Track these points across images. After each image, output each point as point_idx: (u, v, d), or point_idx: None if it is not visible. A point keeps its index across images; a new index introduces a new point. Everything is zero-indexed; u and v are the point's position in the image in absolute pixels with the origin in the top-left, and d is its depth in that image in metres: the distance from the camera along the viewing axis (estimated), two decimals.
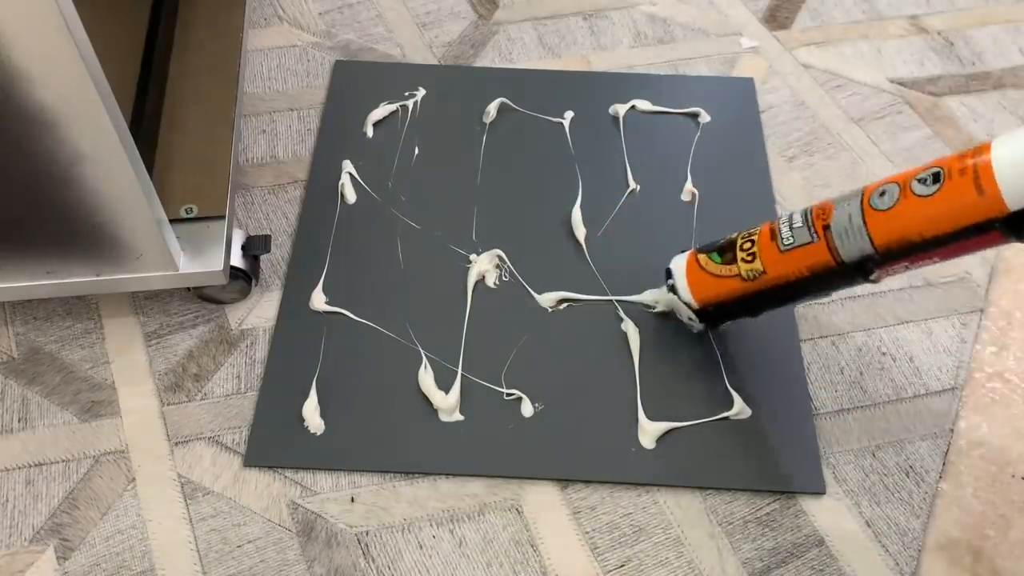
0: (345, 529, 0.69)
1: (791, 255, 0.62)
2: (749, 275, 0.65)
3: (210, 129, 0.81)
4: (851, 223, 0.59)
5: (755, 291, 0.65)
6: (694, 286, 0.70)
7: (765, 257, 0.64)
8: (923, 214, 0.55)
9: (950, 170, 0.55)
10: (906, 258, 0.58)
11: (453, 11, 1.06)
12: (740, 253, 0.66)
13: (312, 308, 0.79)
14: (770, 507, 0.71)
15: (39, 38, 0.53)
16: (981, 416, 0.76)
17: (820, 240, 0.60)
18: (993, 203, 0.52)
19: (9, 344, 0.78)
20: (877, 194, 0.58)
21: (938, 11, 1.09)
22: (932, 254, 0.57)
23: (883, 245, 0.58)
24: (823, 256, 0.61)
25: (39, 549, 0.68)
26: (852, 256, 0.59)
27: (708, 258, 0.69)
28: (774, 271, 0.64)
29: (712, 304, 0.70)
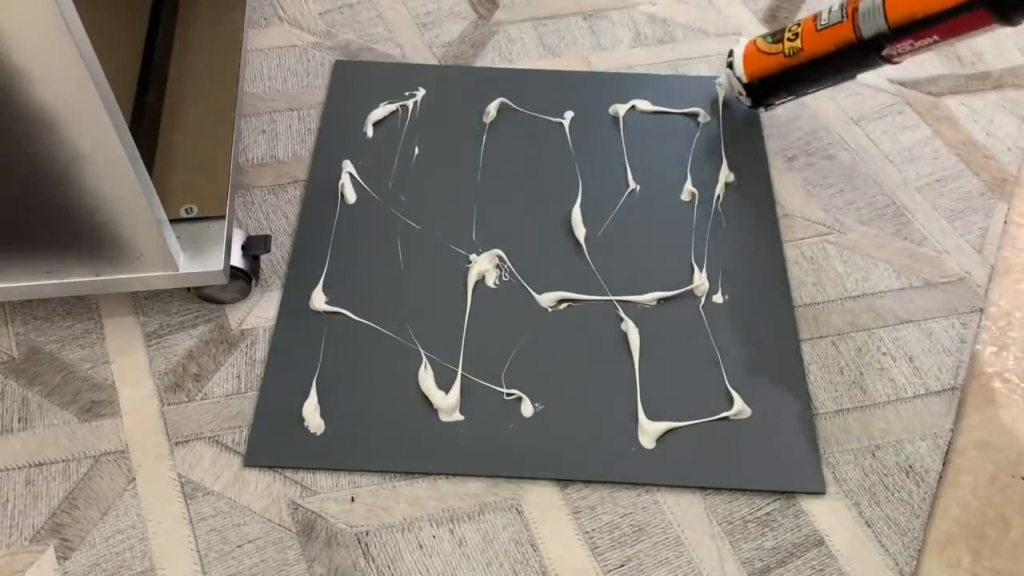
0: (345, 529, 0.69)
1: (825, 33, 0.75)
2: (790, 51, 0.76)
3: (210, 129, 0.82)
4: (873, 4, 0.71)
5: (793, 66, 0.77)
6: (747, 62, 0.84)
7: (805, 36, 0.77)
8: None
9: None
10: (911, 35, 0.69)
11: (453, 11, 1.06)
12: (787, 34, 0.79)
13: (312, 308, 0.79)
14: (770, 507, 0.71)
15: (39, 38, 0.53)
16: (981, 416, 0.76)
17: (848, 20, 0.73)
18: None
19: (9, 344, 0.78)
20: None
21: None
22: (932, 31, 0.67)
23: (895, 22, 0.69)
24: (848, 33, 0.73)
25: (39, 549, 0.68)
26: (869, 32, 0.71)
27: (763, 39, 0.82)
28: (809, 47, 0.76)
29: (758, 78, 0.83)
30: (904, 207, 0.90)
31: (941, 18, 0.67)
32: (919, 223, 0.89)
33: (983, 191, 0.92)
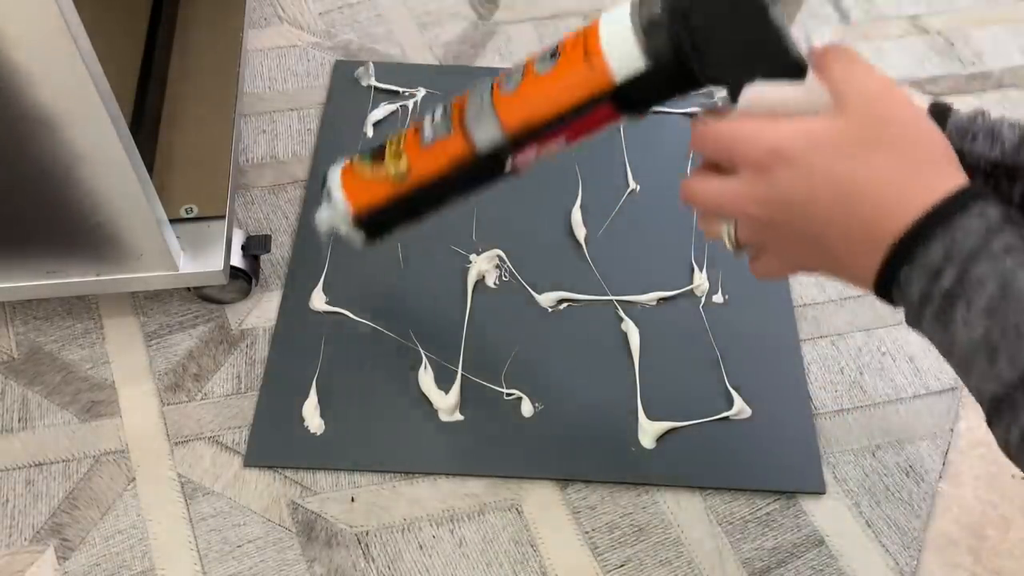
0: (345, 529, 0.69)
1: (433, 150, 0.57)
2: (398, 176, 0.59)
3: (210, 129, 0.81)
4: (483, 110, 0.55)
5: (406, 193, 0.60)
6: (350, 192, 0.63)
7: (410, 155, 0.59)
8: (542, 92, 0.52)
9: (565, 46, 0.52)
10: (534, 141, 0.55)
11: (453, 11, 1.06)
12: (388, 154, 0.60)
13: (312, 308, 0.79)
14: (770, 507, 0.71)
15: (39, 38, 0.53)
16: (981, 416, 0.76)
17: (456, 131, 0.56)
18: (601, 76, 0.50)
19: (9, 344, 0.78)
20: (506, 78, 0.55)
21: (938, 11, 1.09)
22: (556, 134, 0.54)
23: (511, 129, 0.54)
24: (460, 147, 0.56)
25: (39, 549, 0.68)
26: (485, 144, 0.55)
27: (361, 162, 0.63)
28: (419, 168, 0.59)
29: (367, 211, 0.63)
30: None
31: (566, 119, 0.52)
32: None
33: None
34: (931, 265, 0.38)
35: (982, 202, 0.38)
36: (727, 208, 0.45)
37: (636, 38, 0.48)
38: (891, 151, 0.40)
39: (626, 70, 0.49)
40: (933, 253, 0.38)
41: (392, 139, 0.61)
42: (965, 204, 0.38)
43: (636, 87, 0.50)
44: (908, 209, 0.39)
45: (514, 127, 0.54)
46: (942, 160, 0.41)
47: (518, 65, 0.55)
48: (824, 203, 0.41)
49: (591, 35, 0.51)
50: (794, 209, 0.42)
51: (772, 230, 0.44)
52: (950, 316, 0.38)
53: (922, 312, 0.40)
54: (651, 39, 0.48)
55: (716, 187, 0.45)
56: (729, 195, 0.45)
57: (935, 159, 0.41)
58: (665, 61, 0.48)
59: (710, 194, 0.46)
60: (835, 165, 0.40)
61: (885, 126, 0.41)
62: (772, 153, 0.42)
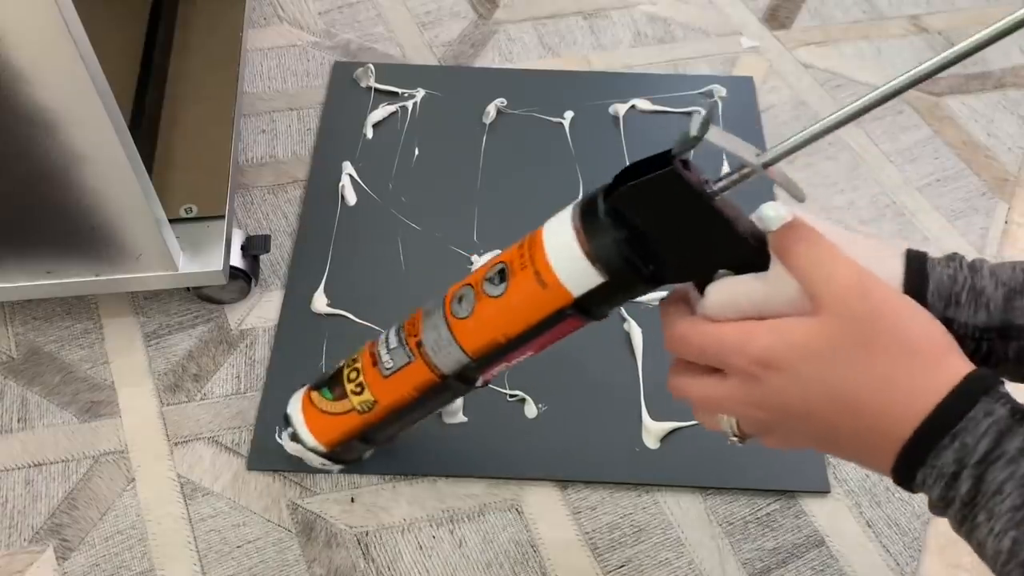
0: (345, 529, 0.69)
1: (396, 379, 0.58)
2: (363, 407, 0.60)
3: (210, 129, 0.81)
4: (440, 336, 0.55)
5: (375, 422, 0.61)
6: (315, 429, 0.64)
7: (372, 386, 0.59)
8: (499, 315, 0.52)
9: (512, 265, 0.52)
10: (502, 358, 0.55)
11: (453, 11, 1.06)
12: (348, 385, 0.60)
13: (314, 311, 0.79)
14: (770, 507, 0.71)
15: (39, 38, 0.53)
16: None
17: (418, 358, 0.56)
18: (558, 294, 0.50)
19: (9, 344, 0.78)
20: (456, 300, 0.55)
21: (938, 11, 1.09)
22: (524, 349, 0.54)
23: (475, 352, 0.54)
24: (426, 374, 0.57)
25: (39, 549, 0.67)
26: (451, 368, 0.56)
27: (320, 395, 0.63)
28: (385, 399, 0.59)
29: (338, 444, 0.64)
30: (904, 207, 0.90)
31: (529, 336, 0.52)
32: (920, 223, 0.89)
33: (984, 191, 0.92)
34: (945, 470, 0.37)
35: (987, 398, 0.37)
36: (725, 408, 0.44)
37: (585, 256, 0.48)
38: (882, 351, 0.38)
39: (582, 287, 0.49)
40: (945, 459, 0.37)
41: (348, 369, 0.61)
42: (972, 401, 0.37)
43: (596, 296, 0.49)
44: (912, 411, 0.37)
45: (478, 350, 0.54)
46: (936, 348, 0.39)
47: (466, 285, 0.54)
48: (824, 413, 0.40)
49: (538, 254, 0.50)
50: (793, 415, 0.41)
51: (777, 426, 0.43)
52: (973, 523, 0.37)
53: (945, 512, 0.38)
54: (600, 255, 0.47)
55: (711, 388, 0.44)
56: (725, 397, 0.43)
57: (929, 348, 0.39)
58: (619, 272, 0.48)
59: (705, 394, 0.44)
60: (827, 375, 0.39)
61: (870, 324, 0.39)
62: (760, 363, 0.40)
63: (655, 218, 0.46)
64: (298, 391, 0.66)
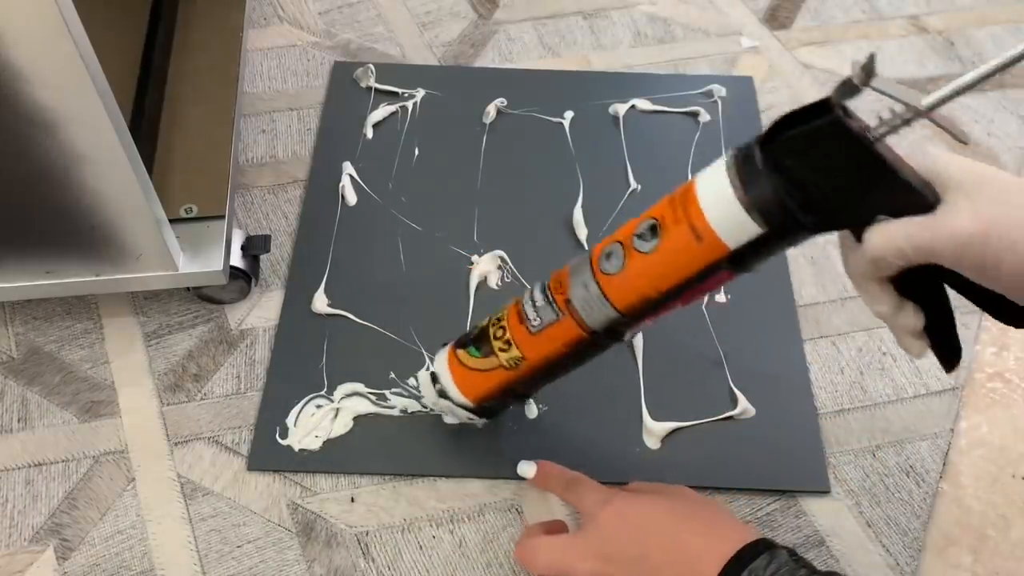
0: (345, 529, 0.69)
1: (544, 335, 0.59)
2: (511, 363, 0.61)
3: (210, 129, 0.81)
4: (589, 293, 0.55)
5: (522, 377, 0.62)
6: (463, 385, 0.65)
7: (520, 342, 0.60)
8: (652, 270, 0.53)
9: (664, 220, 0.51)
10: (652, 313, 0.55)
11: (453, 11, 1.06)
12: (495, 343, 0.61)
13: (314, 311, 0.79)
14: (770, 507, 0.71)
15: (39, 38, 0.53)
16: (981, 416, 0.76)
17: (566, 315, 0.57)
18: (715, 247, 0.50)
19: (9, 344, 0.78)
20: (604, 257, 0.55)
21: (938, 11, 1.09)
22: (673, 303, 0.54)
23: (626, 308, 0.55)
24: (574, 331, 0.58)
25: (39, 549, 0.67)
26: (600, 324, 0.56)
27: (467, 353, 0.63)
28: (533, 354, 0.60)
29: (485, 398, 0.65)
30: None
31: (681, 290, 0.53)
32: None
33: None
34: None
35: (769, 550, 0.53)
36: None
37: (743, 207, 0.48)
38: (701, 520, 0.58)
39: (740, 239, 0.49)
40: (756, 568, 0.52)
41: (493, 327, 0.62)
42: (758, 551, 0.53)
43: (753, 248, 0.49)
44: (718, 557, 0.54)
45: (628, 306, 0.55)
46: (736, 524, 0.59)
47: (614, 241, 0.55)
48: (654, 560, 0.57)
49: (692, 207, 0.50)
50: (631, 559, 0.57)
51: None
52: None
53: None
54: (759, 206, 0.47)
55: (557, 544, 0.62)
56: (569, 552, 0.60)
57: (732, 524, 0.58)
58: (779, 222, 0.48)
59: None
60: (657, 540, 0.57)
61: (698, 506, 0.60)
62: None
63: (816, 167, 0.46)
64: (442, 349, 0.67)
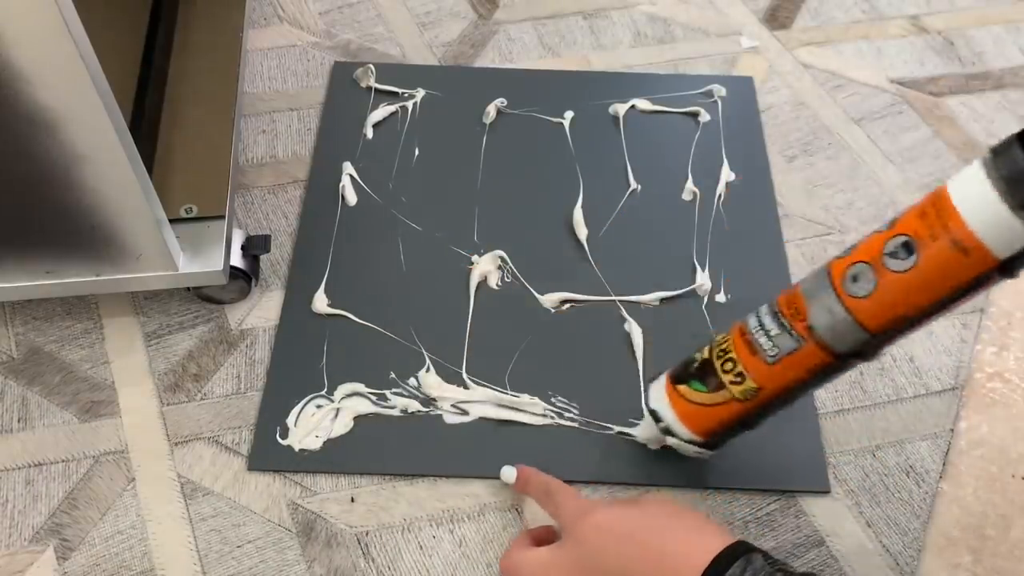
0: (345, 529, 0.69)
1: (783, 364, 0.57)
2: (745, 396, 0.60)
3: (210, 129, 0.81)
4: (836, 317, 0.54)
5: (759, 407, 0.61)
6: (690, 421, 0.64)
7: (754, 374, 0.59)
8: (910, 288, 0.51)
9: (919, 236, 0.50)
10: (908, 330, 0.54)
11: (453, 11, 1.06)
12: (724, 376, 0.60)
13: (314, 310, 0.79)
14: (770, 507, 0.71)
15: (39, 38, 0.53)
16: (981, 416, 0.76)
17: (809, 342, 0.55)
18: (983, 259, 0.49)
19: (9, 344, 0.78)
20: (850, 279, 0.53)
21: (938, 11, 1.09)
22: (931, 317, 0.53)
23: (879, 329, 0.54)
24: (819, 357, 0.56)
25: (39, 549, 0.67)
26: (849, 347, 0.55)
27: (691, 389, 0.63)
28: (772, 385, 0.59)
29: (715, 432, 0.64)
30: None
31: (943, 304, 0.52)
32: None
33: None
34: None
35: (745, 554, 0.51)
36: None
37: (1016, 215, 0.47)
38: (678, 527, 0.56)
39: (1013, 248, 0.48)
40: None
41: (719, 359, 0.61)
42: (735, 555, 0.51)
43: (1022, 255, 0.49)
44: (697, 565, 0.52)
45: (883, 327, 0.54)
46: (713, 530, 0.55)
47: (858, 261, 0.53)
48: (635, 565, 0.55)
49: (952, 221, 0.49)
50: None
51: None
52: None
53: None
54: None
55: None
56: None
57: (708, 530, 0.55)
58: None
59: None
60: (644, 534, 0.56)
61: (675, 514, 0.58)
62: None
63: None
64: (655, 384, 0.66)
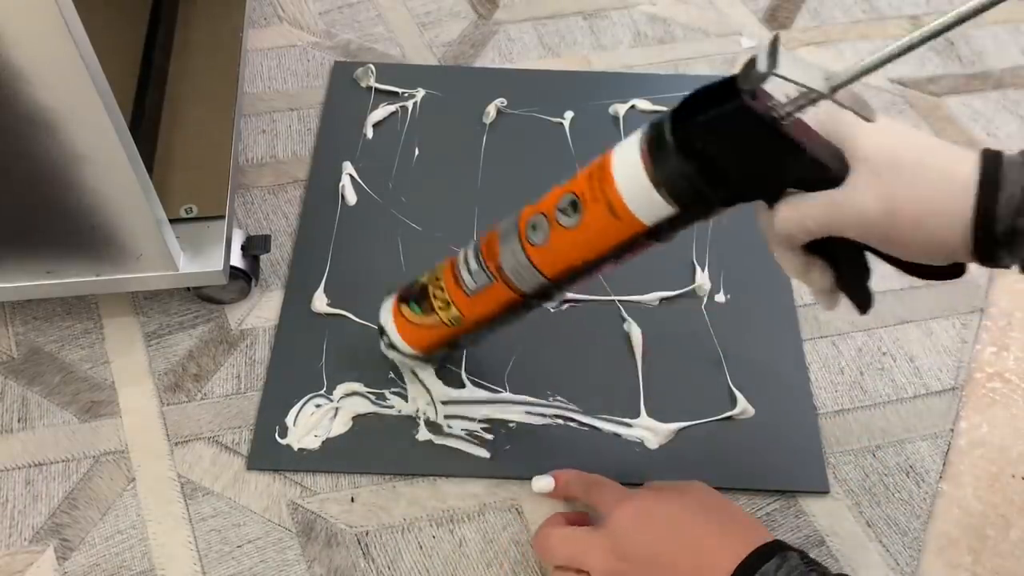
0: (345, 529, 0.69)
1: (480, 297, 0.62)
2: (452, 321, 0.65)
3: (210, 129, 0.81)
4: (519, 262, 0.59)
5: (464, 331, 0.66)
6: (409, 338, 0.69)
7: (458, 302, 0.64)
8: (575, 243, 0.56)
9: (584, 197, 0.54)
10: (581, 278, 0.59)
11: (453, 11, 1.06)
12: (435, 302, 0.65)
13: (314, 310, 0.79)
14: (770, 507, 0.71)
15: (39, 38, 0.53)
16: (981, 416, 0.76)
17: (498, 280, 0.60)
18: (632, 224, 0.53)
19: (9, 344, 0.78)
20: (530, 227, 0.58)
21: (938, 11, 1.09)
22: (602, 268, 0.58)
23: (554, 276, 0.58)
24: (508, 294, 0.61)
25: (39, 549, 0.67)
26: (533, 288, 0.60)
27: (410, 309, 0.68)
28: (471, 313, 0.64)
29: (429, 347, 0.70)
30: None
31: (606, 259, 0.57)
32: None
33: None
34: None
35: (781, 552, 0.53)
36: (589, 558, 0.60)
37: (655, 189, 0.50)
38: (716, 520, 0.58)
39: (655, 217, 0.52)
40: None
41: (432, 286, 0.66)
42: (770, 554, 0.53)
43: (668, 224, 0.53)
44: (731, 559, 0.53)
45: (556, 274, 0.58)
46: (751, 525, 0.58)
47: (537, 212, 0.57)
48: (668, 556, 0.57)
49: (608, 187, 0.52)
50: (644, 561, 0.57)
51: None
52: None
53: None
54: (671, 189, 0.50)
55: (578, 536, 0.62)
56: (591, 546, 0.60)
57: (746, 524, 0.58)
58: (690, 203, 0.50)
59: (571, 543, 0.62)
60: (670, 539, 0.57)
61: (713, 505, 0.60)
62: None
63: (725, 148, 0.48)
64: (386, 301, 0.71)
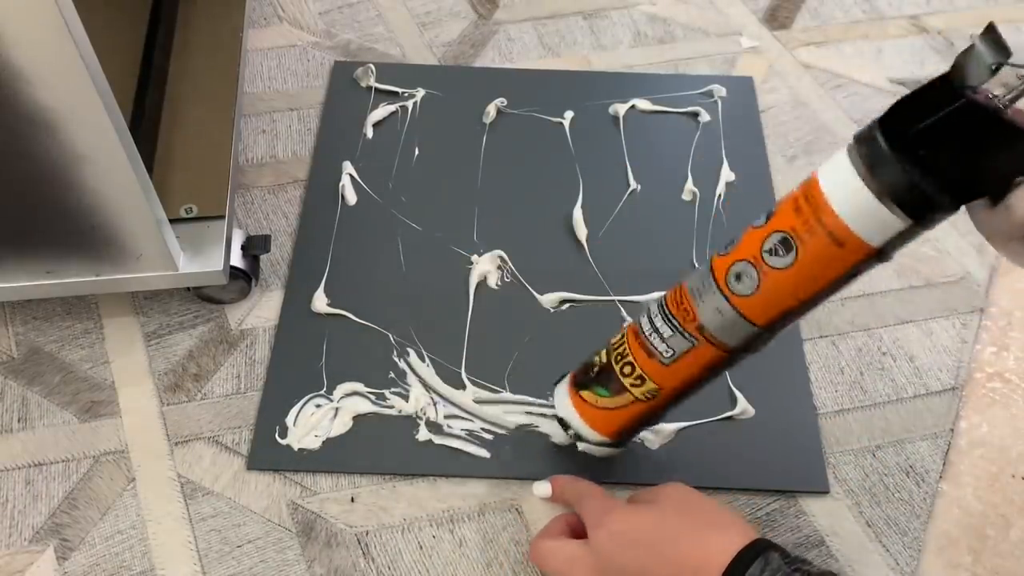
0: (345, 529, 0.69)
1: (679, 364, 0.59)
2: (646, 395, 0.61)
3: (210, 129, 0.81)
4: (725, 317, 0.55)
5: (660, 404, 0.63)
6: (597, 425, 0.65)
7: (653, 376, 0.60)
8: (792, 283, 0.53)
9: (795, 232, 0.51)
10: (795, 318, 0.56)
11: (453, 11, 1.06)
12: (625, 380, 0.62)
13: (314, 310, 0.79)
14: (770, 507, 0.71)
15: (39, 38, 0.53)
16: (981, 416, 0.76)
17: (702, 341, 0.57)
18: (858, 249, 0.50)
19: (9, 344, 0.78)
20: (734, 278, 0.55)
21: (938, 11, 1.09)
22: (815, 304, 0.55)
23: (767, 323, 0.55)
24: (712, 353, 0.58)
25: (39, 549, 0.67)
26: (741, 341, 0.57)
27: (594, 394, 0.64)
28: (670, 383, 0.61)
29: (621, 430, 0.66)
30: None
31: (826, 293, 0.53)
32: None
33: None
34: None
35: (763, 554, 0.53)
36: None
37: (884, 206, 0.48)
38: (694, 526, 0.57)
39: (884, 236, 0.49)
40: None
41: (618, 363, 0.62)
42: (755, 554, 0.53)
43: (898, 240, 0.50)
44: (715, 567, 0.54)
45: (769, 320, 0.55)
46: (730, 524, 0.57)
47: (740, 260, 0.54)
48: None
49: (826, 215, 0.50)
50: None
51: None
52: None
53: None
54: (902, 203, 0.47)
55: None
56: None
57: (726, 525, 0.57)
58: (922, 213, 0.48)
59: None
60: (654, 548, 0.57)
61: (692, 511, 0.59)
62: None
63: (950, 149, 0.46)
64: (558, 391, 0.68)
